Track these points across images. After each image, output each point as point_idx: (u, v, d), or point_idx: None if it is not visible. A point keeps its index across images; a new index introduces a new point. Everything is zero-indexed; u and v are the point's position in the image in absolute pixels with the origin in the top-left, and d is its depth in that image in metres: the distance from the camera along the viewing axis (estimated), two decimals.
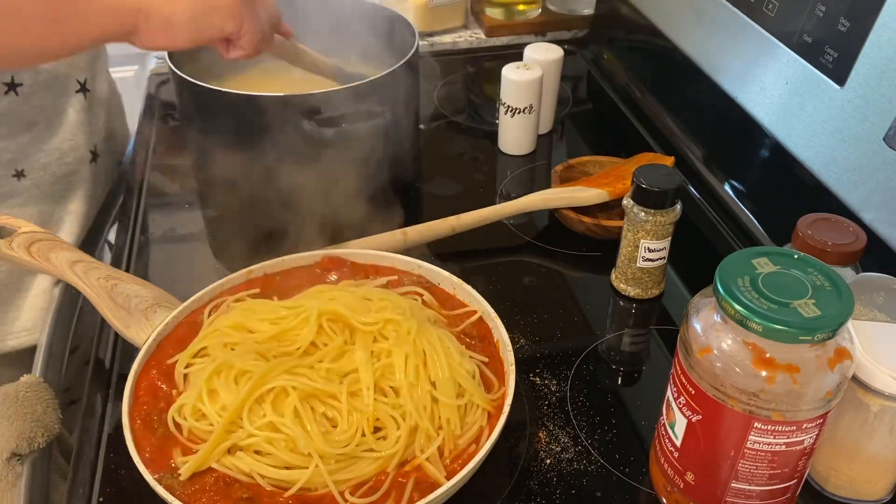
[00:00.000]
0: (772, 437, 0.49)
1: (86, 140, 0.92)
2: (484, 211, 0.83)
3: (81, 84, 0.90)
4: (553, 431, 0.64)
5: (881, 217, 0.67)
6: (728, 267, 0.49)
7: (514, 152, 1.00)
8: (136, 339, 0.65)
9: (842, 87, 0.71)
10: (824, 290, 0.48)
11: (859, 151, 0.69)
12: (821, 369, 0.47)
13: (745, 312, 0.46)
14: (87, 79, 0.91)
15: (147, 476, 0.53)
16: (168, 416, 0.58)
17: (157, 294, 0.68)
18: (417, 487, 0.54)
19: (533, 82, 0.94)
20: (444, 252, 0.81)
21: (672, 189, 0.71)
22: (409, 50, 0.89)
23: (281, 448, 0.55)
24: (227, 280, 0.69)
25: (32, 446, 0.68)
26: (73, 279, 0.68)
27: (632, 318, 0.77)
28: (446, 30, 1.29)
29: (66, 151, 0.89)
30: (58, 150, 0.88)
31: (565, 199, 0.84)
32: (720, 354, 0.49)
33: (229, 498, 0.54)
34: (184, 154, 0.99)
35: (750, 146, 0.84)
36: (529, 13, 1.28)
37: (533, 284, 0.80)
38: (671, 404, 0.54)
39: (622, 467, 0.61)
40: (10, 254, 0.69)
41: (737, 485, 0.52)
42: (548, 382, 0.69)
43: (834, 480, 0.58)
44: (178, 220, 0.91)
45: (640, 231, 0.73)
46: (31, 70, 0.82)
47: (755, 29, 0.82)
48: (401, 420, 0.56)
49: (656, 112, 1.04)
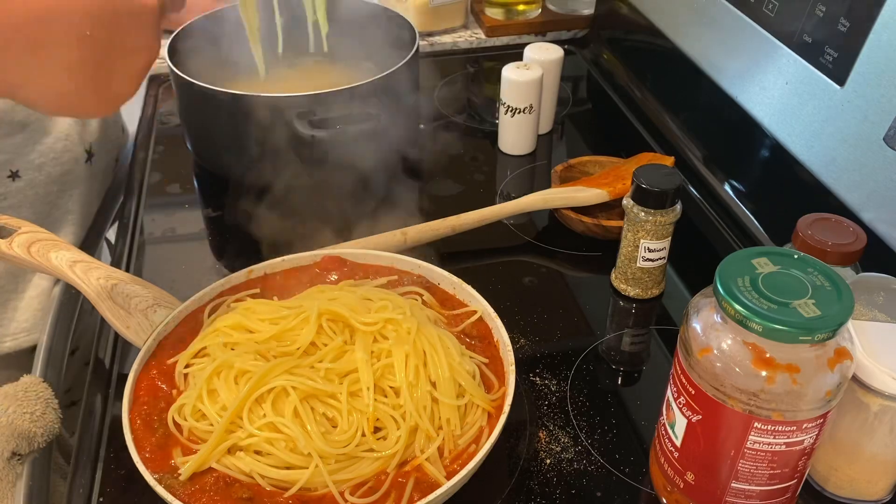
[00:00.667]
0: (772, 437, 0.49)
1: (80, 140, 0.91)
2: (484, 211, 0.83)
3: None
4: (553, 431, 0.64)
5: (881, 217, 0.67)
6: (728, 267, 0.49)
7: (514, 152, 1.00)
8: (136, 339, 0.65)
9: (842, 87, 0.71)
10: (824, 290, 0.48)
11: (859, 151, 0.69)
12: (821, 369, 0.47)
13: (745, 312, 0.46)
14: None
15: (147, 476, 0.53)
16: (168, 416, 0.58)
17: (157, 294, 0.68)
18: (417, 487, 0.54)
19: (533, 82, 0.94)
20: (444, 252, 0.81)
21: (672, 189, 0.71)
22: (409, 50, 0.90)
23: (281, 448, 0.55)
24: (227, 280, 0.69)
25: (32, 446, 0.68)
26: (73, 279, 0.68)
27: (632, 318, 0.77)
28: (446, 30, 1.29)
29: (61, 151, 0.89)
30: (52, 150, 0.88)
31: (565, 199, 0.84)
32: (720, 354, 0.49)
33: (229, 498, 0.54)
34: (184, 154, 0.99)
35: (750, 146, 0.84)
36: (529, 13, 1.28)
37: (533, 284, 0.80)
38: (671, 404, 0.54)
39: (622, 467, 0.61)
40: (10, 254, 0.69)
41: (737, 485, 0.52)
42: (548, 382, 0.69)
43: (834, 480, 0.58)
44: (178, 220, 0.90)
45: (640, 231, 0.73)
46: None
47: (755, 29, 0.82)
48: (401, 420, 0.56)
49: (656, 112, 1.04)
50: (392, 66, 0.87)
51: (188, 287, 0.69)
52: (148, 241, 0.87)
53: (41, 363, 0.77)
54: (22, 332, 0.88)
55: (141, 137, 1.04)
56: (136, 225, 0.89)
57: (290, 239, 0.77)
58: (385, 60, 0.91)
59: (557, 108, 1.06)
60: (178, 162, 0.99)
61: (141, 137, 1.04)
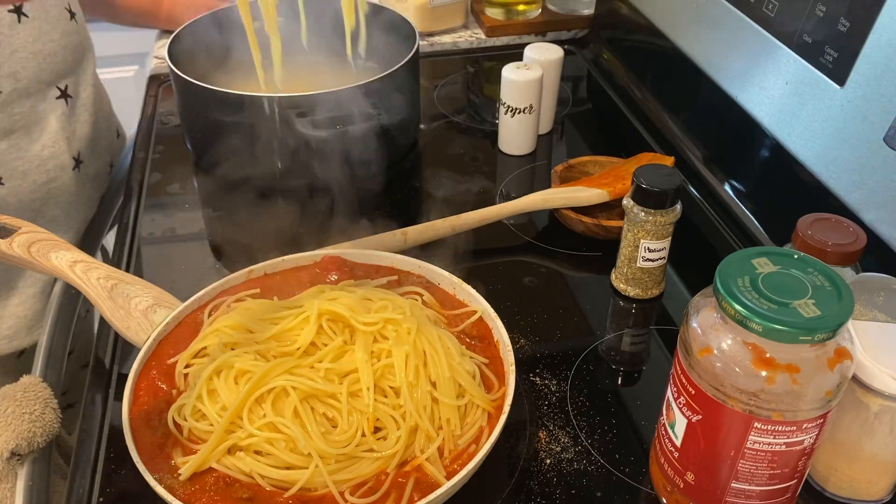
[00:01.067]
0: (772, 437, 0.49)
1: (67, 147, 0.90)
2: (484, 211, 0.83)
3: (62, 90, 0.88)
4: (553, 431, 0.64)
5: (881, 217, 0.67)
6: (728, 267, 0.49)
7: (514, 152, 1.00)
8: (136, 339, 0.65)
9: (842, 87, 0.71)
10: (824, 290, 0.48)
11: (859, 151, 0.69)
12: (821, 369, 0.47)
13: (745, 312, 0.46)
14: (68, 85, 0.90)
15: (147, 476, 0.53)
16: (168, 416, 0.58)
17: (157, 294, 0.68)
18: (417, 487, 0.54)
19: (533, 82, 0.94)
20: (444, 252, 0.81)
21: (672, 189, 0.71)
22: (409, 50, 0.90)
23: (281, 448, 0.55)
24: (227, 280, 0.69)
25: (32, 446, 0.68)
26: (74, 279, 0.68)
27: (632, 318, 0.77)
28: (446, 30, 1.29)
29: (47, 158, 0.87)
30: (38, 157, 0.87)
31: (565, 199, 0.84)
32: (720, 354, 0.49)
33: (229, 498, 0.54)
34: (184, 154, 0.99)
35: (750, 146, 0.84)
36: (529, 13, 1.28)
37: (533, 284, 0.80)
38: (671, 404, 0.54)
39: (622, 467, 0.61)
40: (10, 254, 0.69)
41: (737, 485, 0.52)
42: (548, 382, 0.69)
43: (834, 480, 0.58)
44: (178, 220, 0.90)
45: (640, 231, 0.73)
46: (11, 77, 0.81)
47: (755, 29, 0.82)
48: (401, 420, 0.56)
49: (656, 112, 1.04)
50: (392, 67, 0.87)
51: (188, 287, 0.69)
52: (148, 241, 0.87)
53: (41, 363, 0.77)
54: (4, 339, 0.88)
55: (141, 138, 1.04)
56: (136, 225, 0.89)
57: (290, 238, 0.77)
58: (385, 61, 0.91)
59: (557, 108, 1.06)
60: (178, 162, 0.99)
61: (141, 138, 1.04)
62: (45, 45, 0.84)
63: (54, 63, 0.86)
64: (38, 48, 0.83)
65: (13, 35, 0.80)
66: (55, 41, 0.86)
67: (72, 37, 0.90)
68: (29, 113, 0.84)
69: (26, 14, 0.81)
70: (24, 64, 0.82)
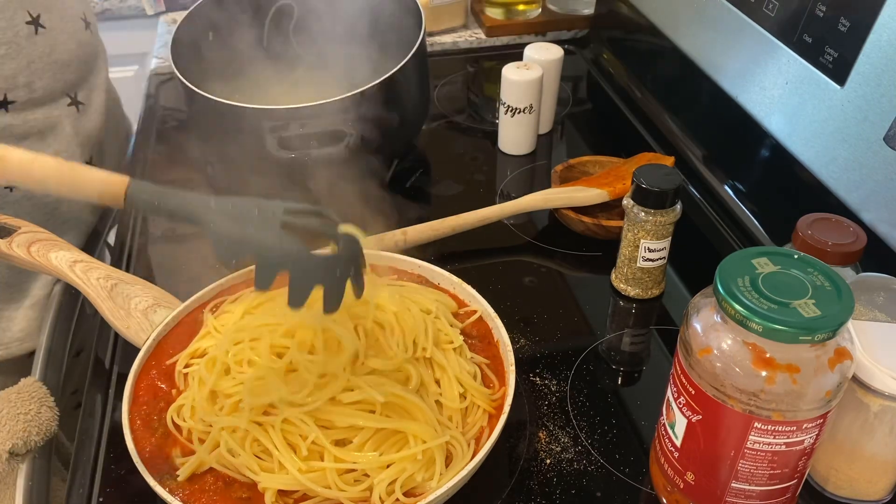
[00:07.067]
0: (772, 437, 0.49)
1: (80, 150, 0.91)
2: (484, 211, 0.83)
3: (73, 98, 0.89)
4: (553, 431, 0.64)
5: (881, 217, 0.67)
6: (728, 267, 0.49)
7: (514, 152, 1.00)
8: (136, 339, 0.65)
9: (842, 87, 0.71)
10: (824, 290, 0.48)
11: (859, 151, 0.69)
12: (821, 369, 0.47)
13: (745, 312, 0.46)
14: (78, 93, 0.90)
15: (147, 476, 0.53)
16: (167, 416, 0.58)
17: (157, 294, 0.68)
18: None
19: (533, 82, 0.94)
20: (444, 252, 0.81)
21: (672, 189, 0.71)
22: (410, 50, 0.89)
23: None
24: (227, 280, 0.69)
25: (28, 445, 0.68)
26: (73, 279, 0.68)
27: (632, 318, 0.77)
28: (446, 30, 1.29)
29: None
30: None
31: (565, 199, 0.84)
32: (720, 354, 0.49)
33: (229, 498, 0.54)
34: (184, 154, 0.99)
35: (750, 146, 0.84)
36: (529, 13, 1.28)
37: (533, 284, 0.80)
38: (671, 404, 0.54)
39: (622, 467, 0.61)
40: (10, 254, 0.69)
41: (737, 485, 0.52)
42: (548, 382, 0.69)
43: (834, 480, 0.58)
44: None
45: (640, 231, 0.73)
46: (26, 88, 0.82)
47: (755, 29, 0.82)
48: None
49: (656, 112, 1.04)
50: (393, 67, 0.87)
51: (188, 287, 0.69)
52: (148, 241, 0.87)
53: (40, 364, 0.77)
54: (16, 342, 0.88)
55: (141, 137, 1.04)
56: (137, 225, 0.89)
57: None
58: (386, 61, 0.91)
59: (557, 108, 1.06)
60: (179, 162, 0.99)
61: (141, 137, 1.04)
62: (60, 56, 0.85)
63: (67, 73, 0.87)
64: (54, 59, 0.84)
65: (30, 46, 0.81)
66: (70, 51, 0.87)
67: (86, 47, 0.91)
68: (43, 119, 0.85)
69: (43, 25, 0.82)
70: (39, 74, 0.83)
